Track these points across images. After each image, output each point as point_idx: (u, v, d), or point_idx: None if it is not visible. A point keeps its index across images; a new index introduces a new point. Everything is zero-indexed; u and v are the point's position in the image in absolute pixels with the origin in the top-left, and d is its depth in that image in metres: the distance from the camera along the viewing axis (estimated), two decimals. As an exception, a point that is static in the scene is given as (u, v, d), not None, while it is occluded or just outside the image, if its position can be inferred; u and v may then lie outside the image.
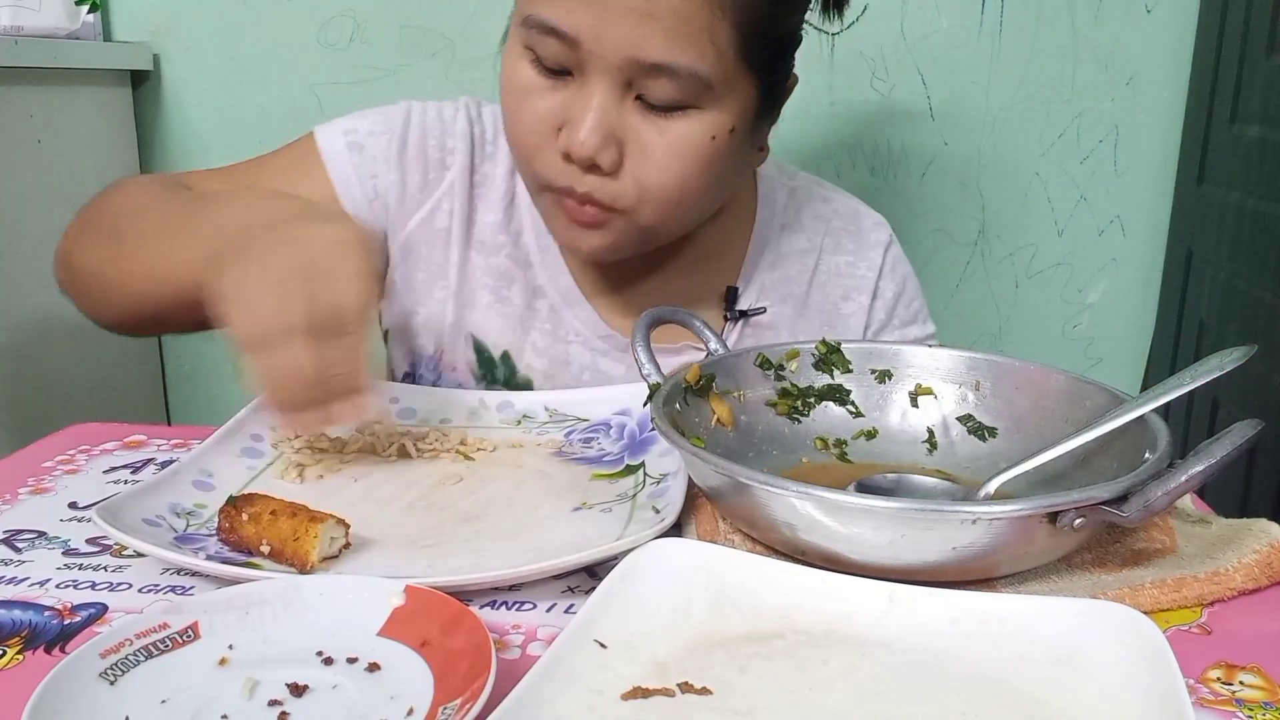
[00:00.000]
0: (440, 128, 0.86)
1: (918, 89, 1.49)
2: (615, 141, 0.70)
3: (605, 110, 0.69)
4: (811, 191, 0.94)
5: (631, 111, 0.70)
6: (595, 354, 0.86)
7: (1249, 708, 0.42)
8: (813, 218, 0.92)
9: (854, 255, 0.91)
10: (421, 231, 0.86)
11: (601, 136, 0.69)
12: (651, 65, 0.67)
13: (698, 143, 0.71)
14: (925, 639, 0.44)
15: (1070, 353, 1.57)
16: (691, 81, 0.68)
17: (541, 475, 0.65)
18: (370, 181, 0.84)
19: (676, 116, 0.70)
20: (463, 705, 0.38)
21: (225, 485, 0.61)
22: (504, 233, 0.87)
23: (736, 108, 0.72)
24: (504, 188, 0.87)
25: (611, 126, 0.70)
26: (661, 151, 0.71)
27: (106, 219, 0.78)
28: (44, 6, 1.38)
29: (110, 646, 0.42)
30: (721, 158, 0.73)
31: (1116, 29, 1.44)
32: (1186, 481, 0.47)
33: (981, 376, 0.66)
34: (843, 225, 0.92)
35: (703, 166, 0.72)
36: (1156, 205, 1.51)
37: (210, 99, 1.56)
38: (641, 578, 0.46)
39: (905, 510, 0.46)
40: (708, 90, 0.69)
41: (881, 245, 0.92)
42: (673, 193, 0.73)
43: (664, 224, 0.76)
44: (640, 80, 0.68)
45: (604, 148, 0.70)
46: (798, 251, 0.90)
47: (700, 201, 0.76)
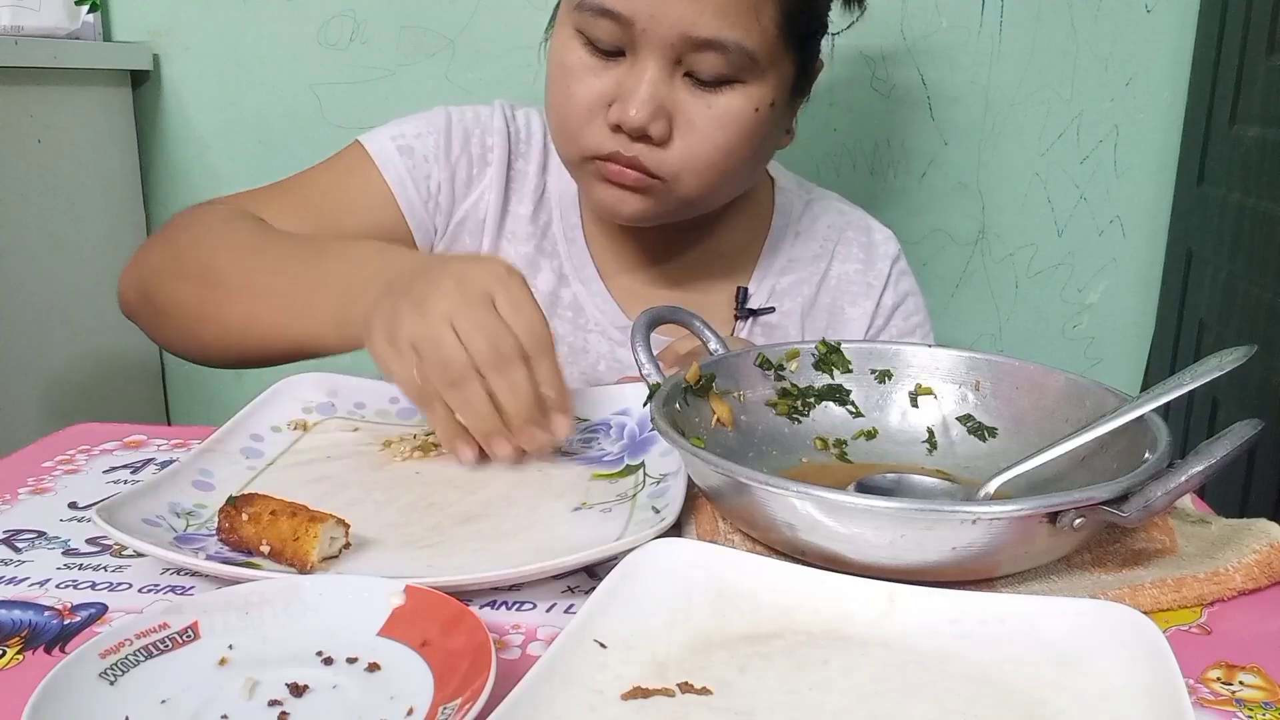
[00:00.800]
0: (480, 126, 0.91)
1: (918, 89, 1.48)
2: (665, 114, 0.75)
3: (656, 85, 0.74)
4: (828, 205, 0.98)
5: (680, 87, 0.75)
6: (613, 344, 0.90)
7: (1249, 708, 0.42)
8: (826, 227, 0.96)
9: (863, 264, 0.95)
10: (466, 223, 0.91)
11: (653, 109, 0.74)
12: (702, 41, 0.72)
13: (742, 114, 0.76)
14: (925, 639, 0.44)
15: (1070, 353, 1.57)
16: (739, 56, 0.73)
17: (541, 475, 0.65)
18: (425, 182, 0.89)
19: (723, 91, 0.75)
20: (463, 705, 0.38)
21: (225, 485, 0.61)
22: (533, 224, 0.91)
23: (777, 82, 0.77)
24: (535, 183, 0.91)
25: (662, 100, 0.74)
26: (708, 123, 0.76)
27: (194, 257, 0.79)
28: (44, 6, 1.38)
29: (110, 646, 0.42)
30: (762, 130, 0.78)
31: (1116, 29, 1.44)
32: (1186, 481, 0.47)
33: (981, 376, 0.66)
34: (855, 236, 0.96)
35: (745, 138, 0.77)
36: (1156, 205, 1.51)
37: (210, 99, 1.56)
38: (641, 578, 0.46)
39: (905, 510, 0.46)
40: (753, 65, 0.74)
41: (890, 258, 0.96)
42: (716, 162, 0.77)
43: (703, 194, 0.80)
44: (690, 56, 0.73)
45: (655, 119, 0.74)
46: (810, 257, 0.95)
47: (738, 174, 0.81)
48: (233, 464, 0.63)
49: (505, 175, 0.91)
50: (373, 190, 0.87)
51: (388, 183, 0.87)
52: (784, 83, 0.78)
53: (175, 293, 0.79)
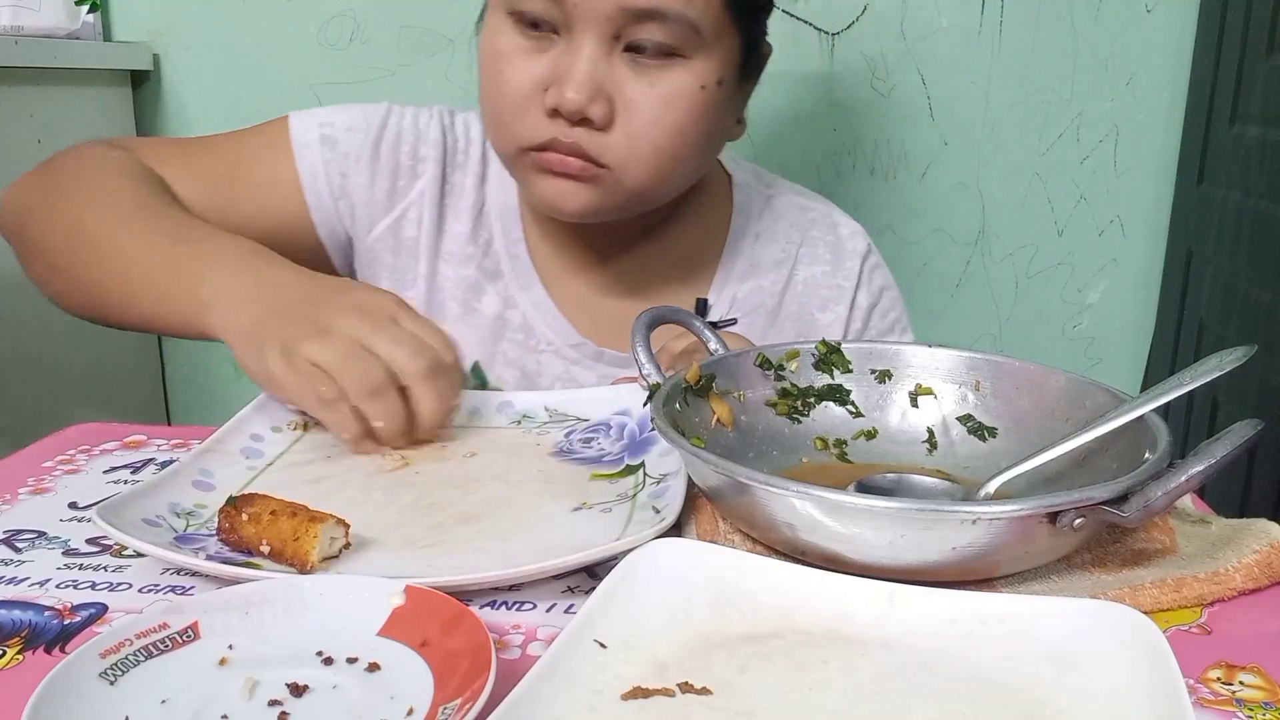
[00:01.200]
0: (415, 134, 0.86)
1: (918, 89, 1.49)
2: (605, 95, 0.70)
3: (594, 63, 0.69)
4: (789, 200, 0.93)
5: (620, 65, 0.70)
6: (567, 363, 0.86)
7: (1249, 708, 0.42)
8: (789, 227, 0.91)
9: (831, 265, 0.90)
10: (388, 239, 0.85)
11: (592, 89, 0.69)
12: (642, 10, 0.68)
13: (688, 92, 0.72)
14: (925, 639, 0.44)
15: (1070, 353, 1.57)
16: (681, 27, 0.69)
17: (541, 475, 0.65)
18: (339, 179, 0.83)
19: (666, 67, 0.71)
20: (463, 705, 0.38)
21: (225, 485, 0.61)
22: (473, 243, 0.86)
23: (723, 58, 0.73)
24: (473, 197, 0.86)
25: (601, 80, 0.70)
26: (652, 103, 0.71)
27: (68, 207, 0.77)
28: (44, 6, 1.38)
29: (110, 646, 0.42)
30: (710, 110, 0.74)
31: (1116, 29, 1.44)
32: (1186, 481, 0.47)
33: (981, 376, 0.66)
34: (820, 235, 0.91)
35: (694, 118, 0.73)
36: (1156, 205, 1.51)
37: (210, 99, 1.56)
38: (641, 578, 0.46)
39: (905, 510, 0.46)
40: (696, 37, 0.70)
41: (859, 255, 0.91)
42: (664, 145, 0.73)
43: (651, 183, 0.75)
44: (629, 29, 0.69)
45: (594, 100, 0.70)
46: (772, 261, 0.89)
47: (688, 160, 0.76)
48: (233, 464, 0.63)
49: (439, 190, 0.85)
50: (281, 175, 0.83)
51: (298, 171, 0.82)
52: (731, 60, 0.74)
53: (44, 237, 0.78)
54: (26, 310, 1.32)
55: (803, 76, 1.47)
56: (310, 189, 0.82)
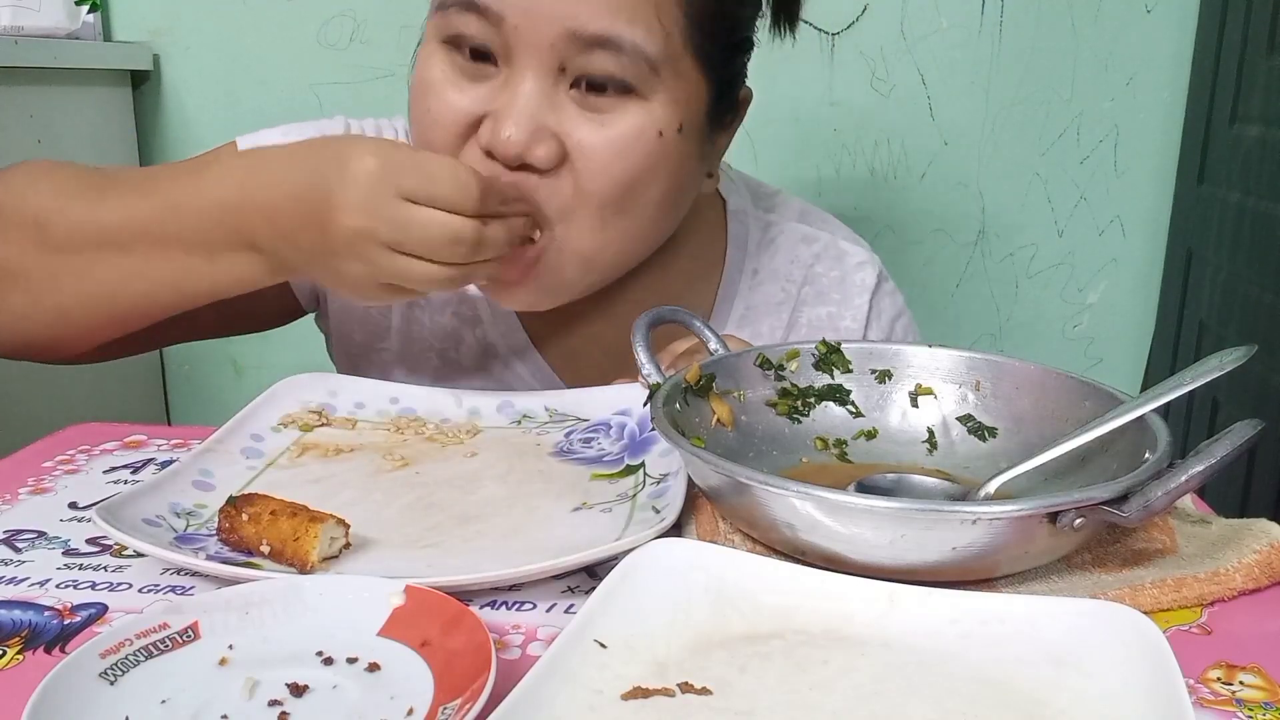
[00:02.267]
0: None
1: (918, 89, 1.49)
2: (549, 135, 0.62)
3: (534, 99, 0.61)
4: (789, 230, 0.84)
5: (567, 103, 0.62)
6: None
7: (1249, 708, 0.42)
8: (789, 262, 0.83)
9: (838, 305, 0.83)
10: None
11: (531, 129, 0.61)
12: (591, 38, 0.60)
13: (644, 138, 0.63)
14: (925, 639, 0.44)
15: (1070, 353, 1.57)
16: (635, 61, 0.61)
17: (541, 475, 0.65)
18: None
19: (619, 108, 0.62)
20: (463, 705, 0.38)
21: (225, 485, 0.61)
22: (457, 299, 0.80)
23: (686, 102, 0.65)
24: None
25: (544, 118, 0.62)
26: (604, 149, 0.63)
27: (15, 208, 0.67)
28: (44, 6, 1.38)
29: (110, 646, 0.42)
30: (670, 162, 0.65)
31: (1116, 29, 1.44)
32: (1186, 481, 0.47)
33: (981, 376, 0.66)
34: (825, 270, 0.83)
35: (650, 169, 0.64)
36: (1156, 205, 1.51)
37: (210, 99, 1.56)
38: (641, 578, 0.46)
39: (905, 510, 0.46)
40: (653, 74, 0.62)
41: (867, 290, 0.83)
42: (615, 198, 0.64)
43: (603, 244, 0.67)
44: (576, 60, 0.61)
45: (535, 142, 0.61)
46: (772, 304, 0.82)
47: (640, 221, 0.67)
48: (233, 464, 0.63)
49: None
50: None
51: None
52: (695, 104, 0.65)
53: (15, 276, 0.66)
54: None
55: (803, 76, 1.47)
56: None
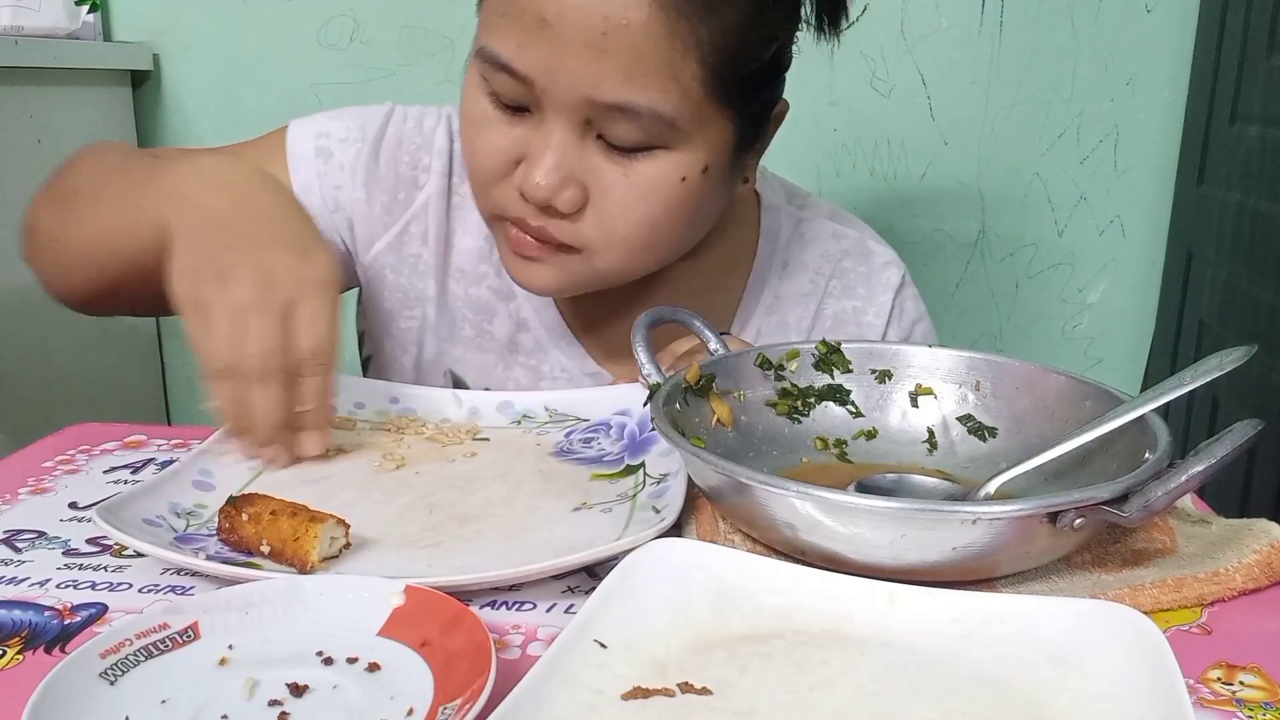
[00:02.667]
0: (418, 141, 0.82)
1: (918, 89, 1.49)
2: (575, 182, 0.66)
3: (564, 150, 0.65)
4: (820, 226, 0.87)
5: (594, 151, 0.66)
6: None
7: (1249, 708, 0.42)
8: (819, 256, 0.86)
9: (863, 300, 0.85)
10: (388, 256, 0.82)
11: (560, 177, 0.65)
12: (609, 105, 0.63)
13: (666, 185, 0.66)
14: (925, 639, 0.44)
15: (1070, 353, 1.57)
16: (654, 122, 0.64)
17: (541, 475, 0.65)
18: (333, 192, 0.80)
19: (642, 157, 0.66)
20: (463, 705, 0.38)
21: (225, 485, 0.61)
22: (485, 261, 0.83)
23: (709, 146, 0.67)
24: None
25: (572, 167, 0.66)
26: (626, 194, 0.66)
27: (68, 183, 0.77)
28: (44, 6, 1.38)
29: (110, 646, 0.42)
30: (694, 199, 0.69)
31: (1116, 29, 1.44)
32: (1186, 481, 0.47)
33: (981, 376, 0.66)
34: (852, 266, 0.86)
35: (671, 210, 0.68)
36: (1156, 205, 1.51)
37: (210, 99, 1.56)
38: (641, 578, 0.46)
39: (905, 510, 0.46)
40: (673, 130, 0.65)
41: (892, 288, 0.86)
42: (638, 238, 0.68)
43: (624, 269, 0.71)
44: (600, 120, 0.64)
45: (562, 189, 0.66)
46: (799, 295, 0.85)
47: (670, 244, 0.72)
48: (233, 464, 0.63)
49: (446, 202, 0.81)
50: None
51: (293, 184, 0.80)
52: (720, 145, 0.68)
53: (42, 220, 0.77)
54: (27, 311, 1.32)
55: (803, 76, 1.47)
56: (305, 201, 0.79)
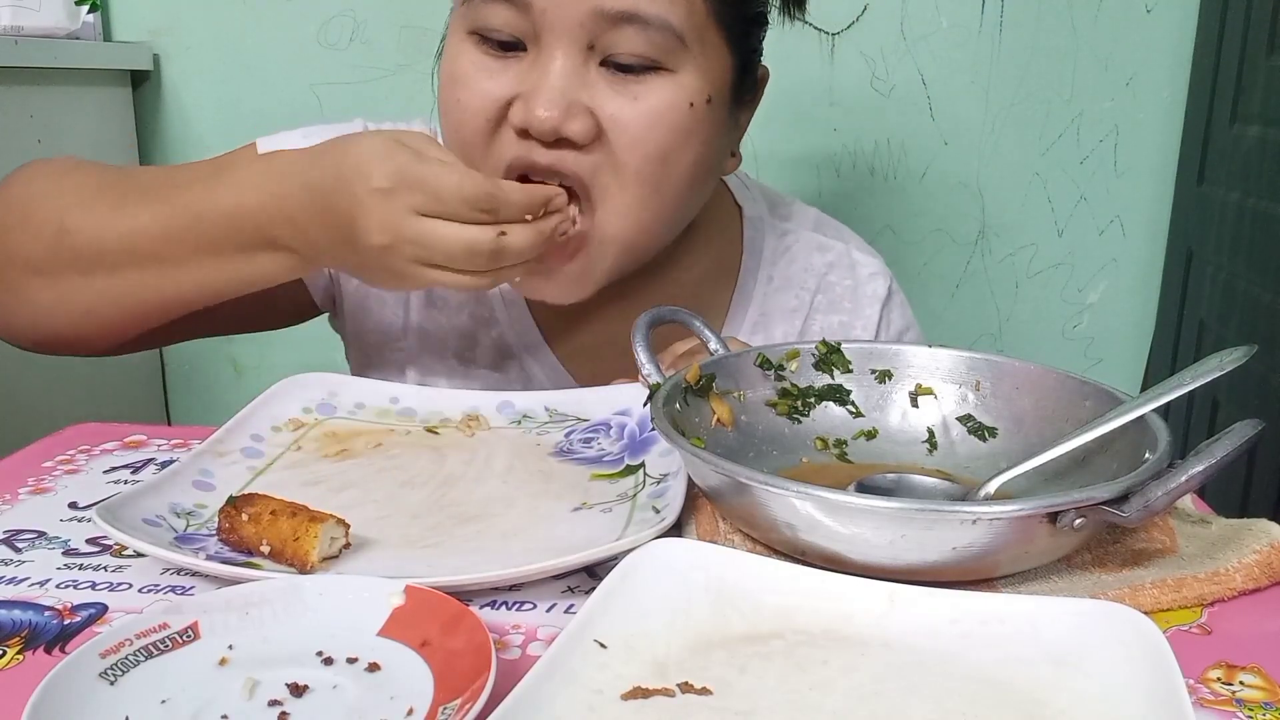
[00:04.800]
0: None
1: (918, 89, 1.49)
2: (583, 110, 0.63)
3: (565, 76, 0.63)
4: (805, 239, 0.86)
5: (597, 80, 0.64)
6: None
7: (1249, 708, 0.42)
8: (804, 271, 0.85)
9: (849, 315, 0.85)
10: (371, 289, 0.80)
11: (564, 104, 0.62)
12: (617, 14, 0.61)
13: (676, 109, 0.64)
14: (925, 639, 0.44)
15: (1070, 353, 1.57)
16: (663, 35, 0.62)
17: (541, 475, 0.65)
18: None
19: (649, 80, 0.64)
20: (463, 705, 0.38)
21: (225, 485, 0.61)
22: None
23: (712, 74, 0.66)
24: None
25: (576, 94, 0.63)
26: (637, 120, 0.64)
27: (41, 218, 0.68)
28: (44, 6, 1.38)
29: (110, 646, 0.42)
30: (701, 133, 0.67)
31: (1116, 29, 1.44)
32: (1186, 481, 0.47)
33: (981, 376, 0.66)
34: (838, 279, 0.85)
35: (681, 140, 0.66)
36: (1156, 205, 1.51)
37: (210, 99, 1.56)
38: (641, 578, 0.46)
39: (905, 510, 0.46)
40: (680, 47, 0.64)
41: (879, 300, 0.85)
42: (652, 171, 0.65)
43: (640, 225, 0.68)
44: (604, 38, 0.62)
45: (570, 116, 0.63)
46: (786, 311, 0.84)
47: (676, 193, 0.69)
48: (233, 464, 0.63)
49: None
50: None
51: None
52: (721, 76, 0.67)
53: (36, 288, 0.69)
54: (26, 310, 1.32)
55: (803, 76, 1.47)
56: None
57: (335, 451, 0.67)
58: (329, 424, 0.71)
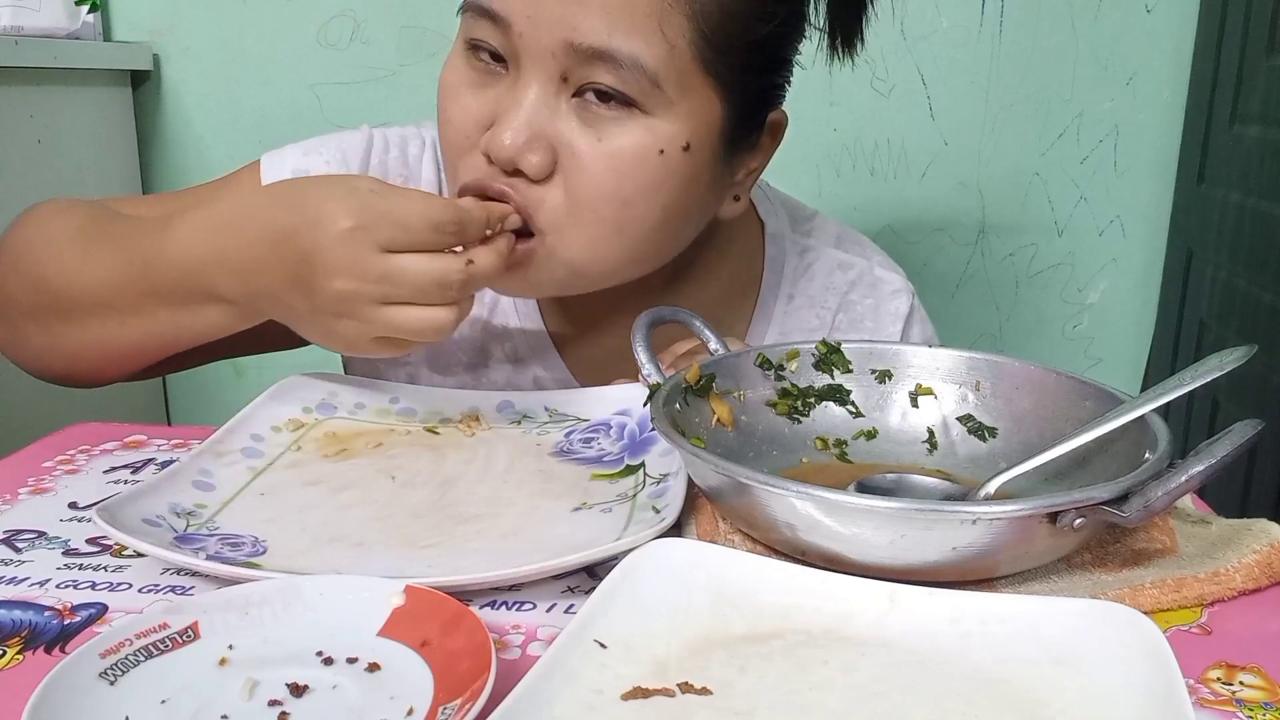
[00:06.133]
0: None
1: (918, 89, 1.49)
2: (545, 145, 0.62)
3: (535, 107, 0.62)
4: (828, 257, 0.85)
5: (568, 114, 0.63)
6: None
7: (1249, 708, 0.42)
8: (825, 290, 0.83)
9: (870, 333, 0.83)
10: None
11: (528, 135, 0.62)
12: (589, 50, 0.60)
13: (641, 154, 0.62)
14: (925, 639, 0.44)
15: (1070, 353, 1.57)
16: (635, 74, 0.60)
17: (541, 475, 0.65)
18: None
19: (619, 122, 0.62)
20: (463, 705, 0.38)
21: (225, 485, 0.61)
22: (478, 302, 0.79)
23: (694, 120, 0.64)
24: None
25: (541, 127, 0.62)
26: (597, 163, 0.62)
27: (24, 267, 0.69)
28: (44, 6, 1.38)
29: (110, 646, 0.42)
30: (673, 182, 0.64)
31: (1116, 29, 1.44)
32: (1186, 481, 0.47)
33: (981, 376, 0.66)
34: (859, 298, 0.84)
35: (648, 188, 0.63)
36: (1156, 205, 1.51)
37: (210, 99, 1.56)
38: (641, 578, 0.46)
39: (905, 510, 0.46)
40: (654, 90, 0.61)
41: (900, 318, 0.84)
42: (608, 215, 0.64)
43: (594, 259, 0.66)
44: (578, 71, 0.61)
45: (529, 149, 0.62)
46: (806, 330, 0.82)
47: (644, 237, 0.66)
48: (233, 464, 0.63)
49: None
50: None
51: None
52: (706, 123, 0.64)
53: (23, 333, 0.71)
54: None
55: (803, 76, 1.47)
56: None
57: (335, 451, 0.67)
58: (329, 424, 0.71)
